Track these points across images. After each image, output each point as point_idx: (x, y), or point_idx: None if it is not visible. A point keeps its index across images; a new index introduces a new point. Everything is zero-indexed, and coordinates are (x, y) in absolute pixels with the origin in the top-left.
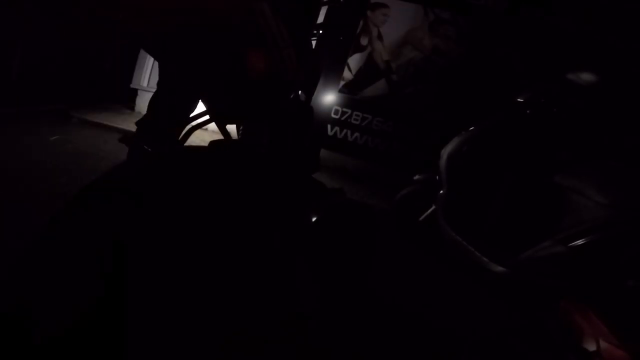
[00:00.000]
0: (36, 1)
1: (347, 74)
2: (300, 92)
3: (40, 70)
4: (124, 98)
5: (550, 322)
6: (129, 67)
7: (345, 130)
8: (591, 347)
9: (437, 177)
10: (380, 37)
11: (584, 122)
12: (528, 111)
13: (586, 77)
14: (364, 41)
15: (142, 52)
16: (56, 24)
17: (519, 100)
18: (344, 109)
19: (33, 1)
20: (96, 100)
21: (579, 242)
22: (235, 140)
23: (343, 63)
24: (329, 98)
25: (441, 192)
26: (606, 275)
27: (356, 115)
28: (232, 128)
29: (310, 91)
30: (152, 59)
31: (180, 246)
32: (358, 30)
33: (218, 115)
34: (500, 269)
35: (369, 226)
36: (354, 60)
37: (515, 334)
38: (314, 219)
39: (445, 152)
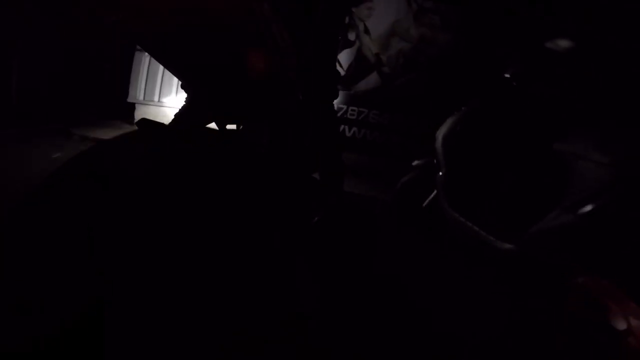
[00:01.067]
0: (30, 21)
1: (338, 70)
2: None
3: (39, 90)
4: (123, 113)
5: (570, 303)
6: (126, 82)
7: (342, 126)
8: (621, 325)
9: (435, 160)
10: (367, 30)
11: (570, 89)
12: (514, 83)
13: (563, 43)
14: (351, 36)
15: (135, 66)
16: (51, 44)
17: (505, 76)
18: (340, 105)
19: (26, 20)
20: (96, 117)
21: (587, 207)
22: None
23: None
24: None
25: (440, 173)
26: (622, 242)
27: (352, 110)
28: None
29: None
30: (145, 72)
31: (181, 246)
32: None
33: (218, 115)
34: (508, 246)
35: (369, 226)
36: (344, 56)
37: (534, 317)
38: (314, 219)
39: (440, 134)
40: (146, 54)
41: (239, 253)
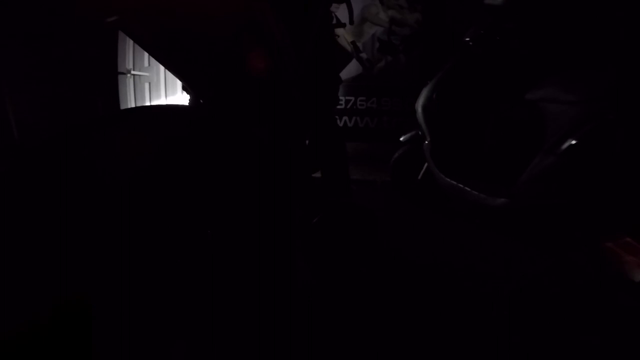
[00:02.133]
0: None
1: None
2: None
3: (37, 125)
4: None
5: (593, 266)
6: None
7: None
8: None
9: (419, 132)
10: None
11: (527, 39)
12: (471, 43)
13: None
14: None
15: (122, 95)
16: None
17: (466, 39)
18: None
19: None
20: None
21: (565, 145)
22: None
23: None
24: None
25: (426, 142)
26: (603, 173)
27: (339, 99)
28: None
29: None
30: (134, 98)
31: (181, 246)
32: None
33: (218, 115)
34: (500, 200)
35: (370, 225)
36: None
37: (553, 282)
38: (314, 219)
39: (418, 104)
40: (129, 75)
41: (239, 253)
